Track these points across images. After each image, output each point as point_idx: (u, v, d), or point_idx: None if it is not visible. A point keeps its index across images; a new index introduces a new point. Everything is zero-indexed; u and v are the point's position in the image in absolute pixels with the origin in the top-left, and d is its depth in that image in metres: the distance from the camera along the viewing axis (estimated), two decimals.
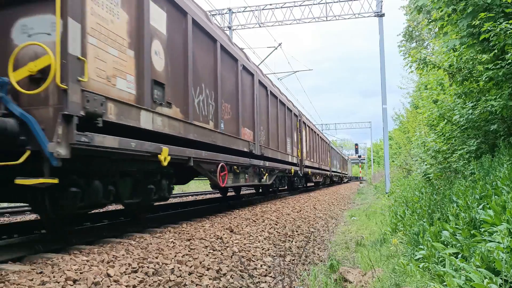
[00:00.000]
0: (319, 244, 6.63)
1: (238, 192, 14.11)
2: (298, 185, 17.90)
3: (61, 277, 3.11)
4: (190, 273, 3.78)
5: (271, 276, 4.38)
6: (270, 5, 21.26)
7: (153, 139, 5.05)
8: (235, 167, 8.36)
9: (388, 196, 14.27)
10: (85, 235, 4.77)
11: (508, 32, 4.86)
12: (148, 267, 3.64)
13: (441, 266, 3.30)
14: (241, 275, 4.16)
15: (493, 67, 5.57)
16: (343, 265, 4.83)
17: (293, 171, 14.22)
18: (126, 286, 3.18)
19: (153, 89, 5.08)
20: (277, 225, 7.31)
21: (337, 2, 20.39)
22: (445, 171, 8.46)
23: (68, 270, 3.24)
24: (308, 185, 23.24)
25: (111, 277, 3.26)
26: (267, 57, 21.86)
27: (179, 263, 3.96)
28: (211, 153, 6.91)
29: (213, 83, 7.28)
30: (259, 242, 5.67)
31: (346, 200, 17.93)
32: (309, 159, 18.90)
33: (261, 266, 4.64)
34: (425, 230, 4.22)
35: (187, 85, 6.09)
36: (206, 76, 6.97)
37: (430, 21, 7.25)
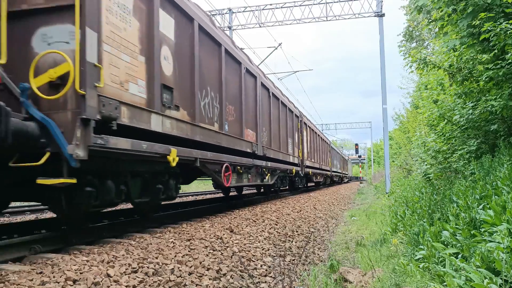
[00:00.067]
0: (319, 244, 6.63)
1: (240, 192, 14.21)
2: (299, 185, 17.93)
3: (61, 277, 3.11)
4: (190, 273, 3.78)
5: (271, 276, 4.38)
6: (270, 5, 21.26)
7: (161, 140, 5.21)
8: (239, 167, 8.51)
9: (388, 196, 14.27)
10: (85, 235, 4.78)
11: (508, 32, 4.86)
12: (148, 267, 3.64)
13: (441, 266, 3.30)
14: (241, 275, 4.16)
15: (493, 67, 5.57)
16: (343, 265, 4.83)
17: (294, 171, 14.31)
18: (126, 286, 3.18)
19: (162, 93, 5.29)
20: (277, 225, 7.31)
21: (337, 2, 20.40)
22: (445, 171, 8.46)
23: (68, 270, 3.24)
24: (308, 185, 23.27)
25: (111, 277, 3.26)
26: (267, 57, 21.89)
27: (179, 263, 3.96)
28: (216, 154, 7.06)
29: (218, 86, 7.46)
30: (259, 242, 5.67)
31: (346, 200, 17.93)
32: (310, 159, 18.94)
33: (261, 266, 4.64)
34: (425, 230, 4.22)
35: (193, 88, 6.28)
36: (211, 79, 7.15)
37: (430, 21, 7.25)
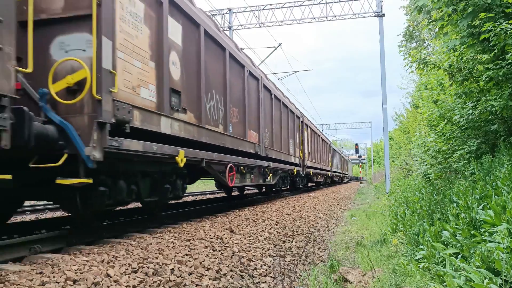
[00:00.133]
0: (319, 244, 6.63)
1: (242, 192, 14.38)
2: (300, 185, 18.03)
3: (61, 277, 3.11)
4: (190, 273, 3.78)
5: (271, 276, 4.38)
6: (271, 5, 21.26)
7: (168, 142, 5.38)
8: (242, 167, 8.72)
9: (388, 196, 14.27)
10: (85, 235, 4.78)
11: (508, 32, 4.85)
12: (148, 267, 3.64)
13: (441, 266, 3.29)
14: (241, 275, 4.16)
15: (493, 67, 5.57)
16: (343, 265, 4.83)
17: (295, 171, 14.48)
18: (126, 286, 3.18)
19: (171, 97, 5.54)
20: (277, 225, 7.31)
21: (337, 2, 20.40)
22: (445, 171, 8.46)
23: (68, 271, 3.24)
24: (309, 185, 23.31)
25: (111, 277, 3.26)
26: (267, 57, 21.89)
27: (179, 263, 3.96)
28: (221, 155, 7.27)
29: (222, 89, 7.70)
30: (259, 242, 5.67)
31: (347, 200, 17.93)
32: (310, 159, 19.02)
33: (261, 266, 4.64)
34: (425, 230, 4.22)
35: (199, 92, 6.52)
36: (216, 82, 7.39)
37: (430, 21, 7.25)
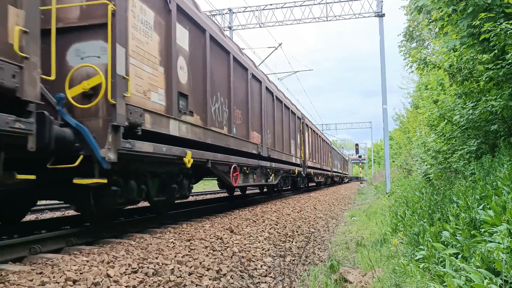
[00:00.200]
0: (319, 245, 6.63)
1: (244, 192, 14.51)
2: (300, 185, 18.15)
3: (61, 277, 3.11)
4: (190, 274, 3.78)
5: (271, 277, 4.38)
6: (271, 5, 21.26)
7: (175, 143, 5.55)
8: (245, 168, 8.90)
9: (389, 196, 14.25)
10: (85, 235, 4.78)
11: (508, 32, 4.85)
12: (148, 267, 3.64)
13: (441, 266, 3.29)
14: (241, 275, 4.16)
15: (493, 67, 5.56)
16: (343, 265, 4.83)
17: (296, 171, 14.63)
18: (126, 286, 3.18)
19: (179, 100, 5.74)
20: (277, 225, 7.31)
21: (337, 2, 20.40)
22: (445, 171, 8.45)
23: (68, 271, 3.24)
24: (310, 185, 23.34)
25: (111, 277, 3.26)
26: (267, 58, 21.90)
27: (179, 263, 3.96)
28: (225, 156, 7.46)
29: (227, 91, 7.89)
30: (259, 242, 5.67)
31: (347, 200, 17.92)
32: (311, 159, 19.10)
33: (261, 266, 4.64)
34: (425, 231, 4.21)
35: (205, 95, 6.74)
36: (221, 85, 7.58)
37: (430, 21, 7.25)
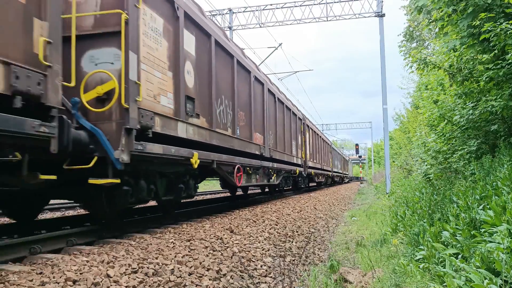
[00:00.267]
0: (319, 245, 6.63)
1: (245, 191, 14.73)
2: (301, 185, 18.28)
3: (61, 277, 3.11)
4: (190, 274, 3.78)
5: (271, 277, 4.38)
6: (271, 5, 21.25)
7: (182, 145, 5.73)
8: (248, 168, 9.08)
9: (389, 196, 14.25)
10: (85, 236, 4.78)
11: (509, 32, 4.85)
12: (148, 267, 3.64)
13: (441, 266, 3.29)
14: (241, 275, 4.15)
15: (493, 67, 5.56)
16: (343, 265, 4.83)
17: (297, 171, 14.82)
18: (126, 286, 3.18)
19: (186, 103, 5.94)
20: (277, 225, 7.31)
21: (337, 2, 20.39)
22: (445, 171, 8.45)
23: (68, 271, 3.24)
24: (310, 185, 23.40)
25: (111, 277, 3.26)
26: (267, 58, 21.90)
27: (179, 263, 3.96)
28: (230, 156, 7.65)
29: (231, 94, 8.08)
30: (259, 242, 5.67)
31: (347, 200, 17.92)
32: (312, 160, 19.21)
33: (261, 266, 4.64)
34: (425, 231, 4.21)
35: (211, 97, 6.96)
36: (225, 88, 7.78)
37: (430, 21, 7.25)
